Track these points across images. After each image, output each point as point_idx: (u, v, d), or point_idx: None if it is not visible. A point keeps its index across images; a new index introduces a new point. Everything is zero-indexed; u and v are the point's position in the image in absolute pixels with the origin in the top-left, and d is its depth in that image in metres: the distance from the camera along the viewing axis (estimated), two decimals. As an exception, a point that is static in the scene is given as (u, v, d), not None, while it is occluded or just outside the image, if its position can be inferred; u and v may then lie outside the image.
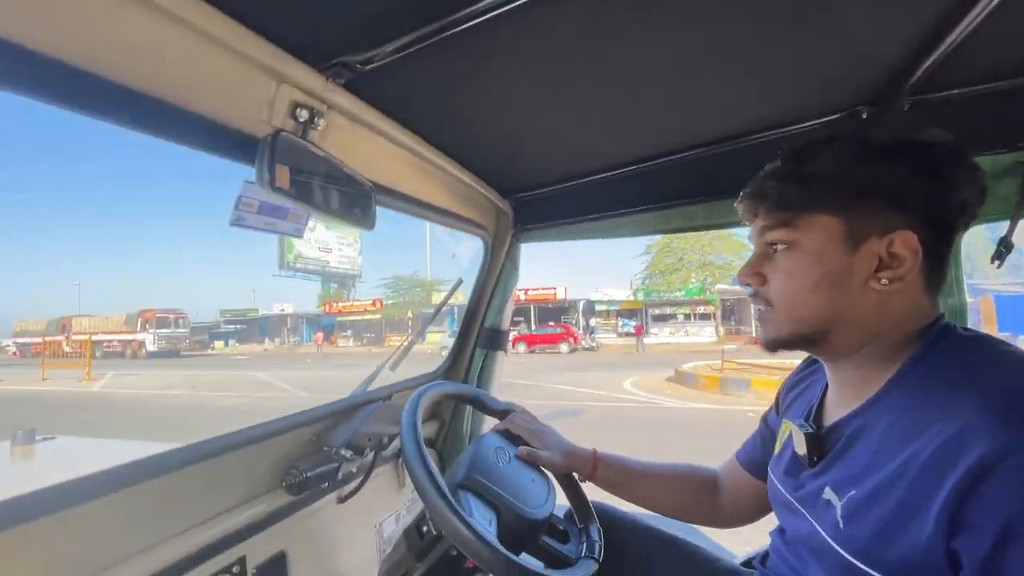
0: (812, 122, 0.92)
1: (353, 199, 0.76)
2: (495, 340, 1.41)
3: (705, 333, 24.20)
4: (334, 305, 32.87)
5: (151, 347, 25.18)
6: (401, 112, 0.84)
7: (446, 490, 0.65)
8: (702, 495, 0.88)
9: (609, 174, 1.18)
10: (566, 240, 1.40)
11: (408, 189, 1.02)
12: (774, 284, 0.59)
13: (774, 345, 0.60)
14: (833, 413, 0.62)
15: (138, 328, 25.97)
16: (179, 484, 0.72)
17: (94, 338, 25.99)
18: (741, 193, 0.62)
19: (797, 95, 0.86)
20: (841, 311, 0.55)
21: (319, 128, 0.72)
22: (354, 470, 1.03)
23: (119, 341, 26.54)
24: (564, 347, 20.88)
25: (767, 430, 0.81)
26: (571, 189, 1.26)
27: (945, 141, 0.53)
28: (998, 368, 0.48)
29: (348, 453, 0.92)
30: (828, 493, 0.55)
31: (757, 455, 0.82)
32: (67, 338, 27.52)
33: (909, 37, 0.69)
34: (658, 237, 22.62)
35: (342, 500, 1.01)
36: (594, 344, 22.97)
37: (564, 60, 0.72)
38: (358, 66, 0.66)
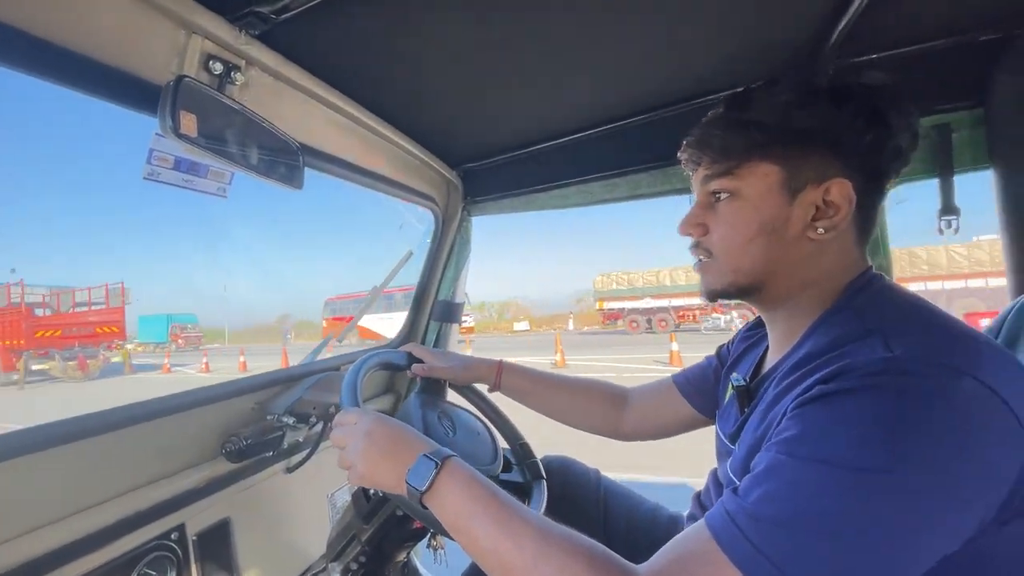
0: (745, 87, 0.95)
1: (278, 158, 0.75)
2: (448, 313, 1.41)
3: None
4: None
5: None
6: (327, 70, 0.82)
7: None
8: (607, 408, 0.92)
9: (555, 142, 1.19)
10: (517, 212, 1.40)
11: (345, 155, 1.01)
12: (716, 234, 0.58)
13: (713, 295, 0.61)
14: (767, 365, 0.63)
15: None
16: (111, 448, 0.71)
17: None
18: (684, 141, 0.61)
19: (730, 59, 0.87)
20: (777, 261, 0.55)
21: (238, 83, 0.71)
22: (301, 440, 1.02)
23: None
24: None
25: (716, 363, 0.82)
26: (519, 159, 1.27)
27: (886, 83, 0.53)
28: (887, 321, 0.47)
29: (291, 420, 0.92)
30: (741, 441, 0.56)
31: (695, 380, 0.84)
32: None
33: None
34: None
35: (290, 470, 1.01)
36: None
37: (500, 21, 0.72)
38: (272, 16, 0.65)
